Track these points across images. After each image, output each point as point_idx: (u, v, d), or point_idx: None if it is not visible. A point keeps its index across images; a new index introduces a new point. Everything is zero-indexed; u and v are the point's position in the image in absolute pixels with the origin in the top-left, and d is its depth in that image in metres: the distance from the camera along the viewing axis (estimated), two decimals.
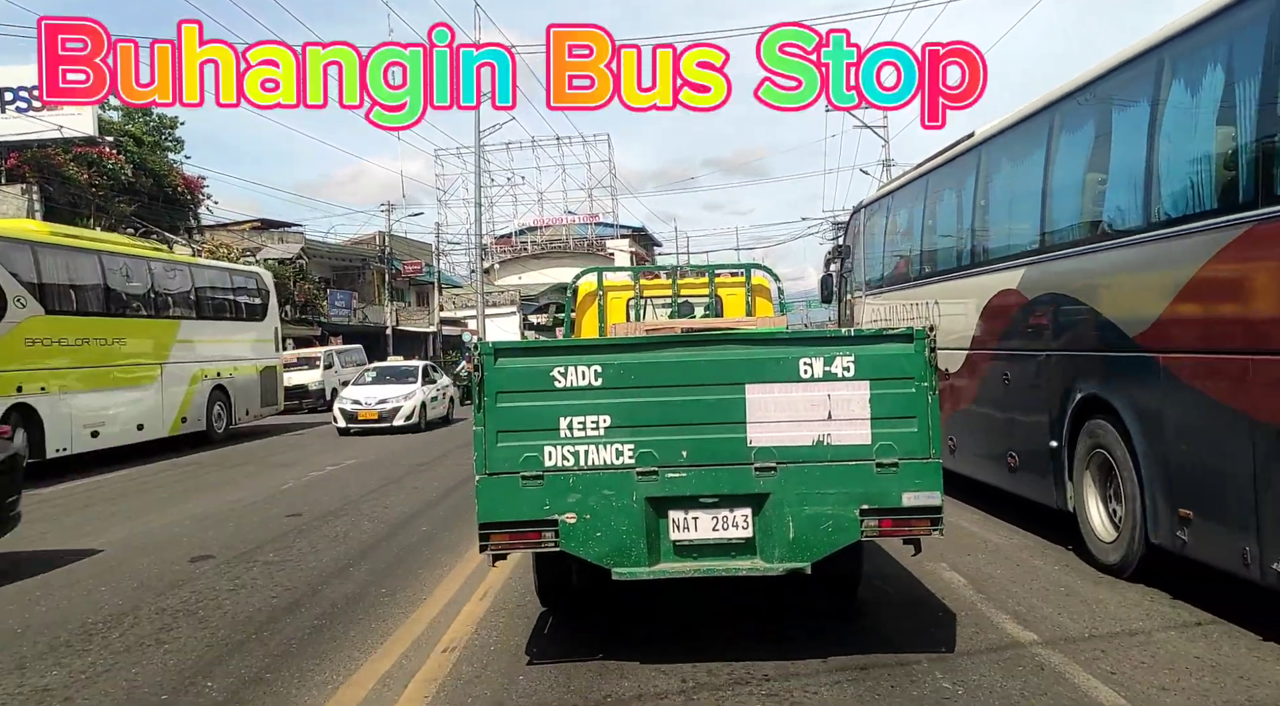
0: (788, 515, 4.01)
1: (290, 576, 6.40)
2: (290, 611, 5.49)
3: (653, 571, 4.08)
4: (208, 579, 6.41)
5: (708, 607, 5.17)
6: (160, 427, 15.44)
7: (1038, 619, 4.88)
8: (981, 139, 7.95)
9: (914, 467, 3.98)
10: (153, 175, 27.57)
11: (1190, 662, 4.20)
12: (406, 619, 5.27)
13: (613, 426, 4.04)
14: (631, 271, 8.26)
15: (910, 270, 9.83)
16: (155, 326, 15.53)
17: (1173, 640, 4.52)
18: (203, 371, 16.57)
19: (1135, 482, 5.36)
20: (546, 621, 5.06)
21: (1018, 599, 5.29)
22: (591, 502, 4.02)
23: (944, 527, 4.03)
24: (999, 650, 4.42)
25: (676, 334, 4.74)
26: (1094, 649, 4.41)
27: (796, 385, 4.02)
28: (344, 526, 8.31)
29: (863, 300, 11.24)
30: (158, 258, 16.24)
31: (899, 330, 4.11)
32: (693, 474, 4.04)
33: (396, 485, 10.99)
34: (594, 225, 59.79)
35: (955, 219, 8.62)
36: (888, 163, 35.17)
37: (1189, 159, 5.05)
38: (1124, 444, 5.48)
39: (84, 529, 8.61)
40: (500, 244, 61.73)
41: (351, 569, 6.61)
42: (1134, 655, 4.31)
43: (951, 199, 8.71)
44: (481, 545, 4.08)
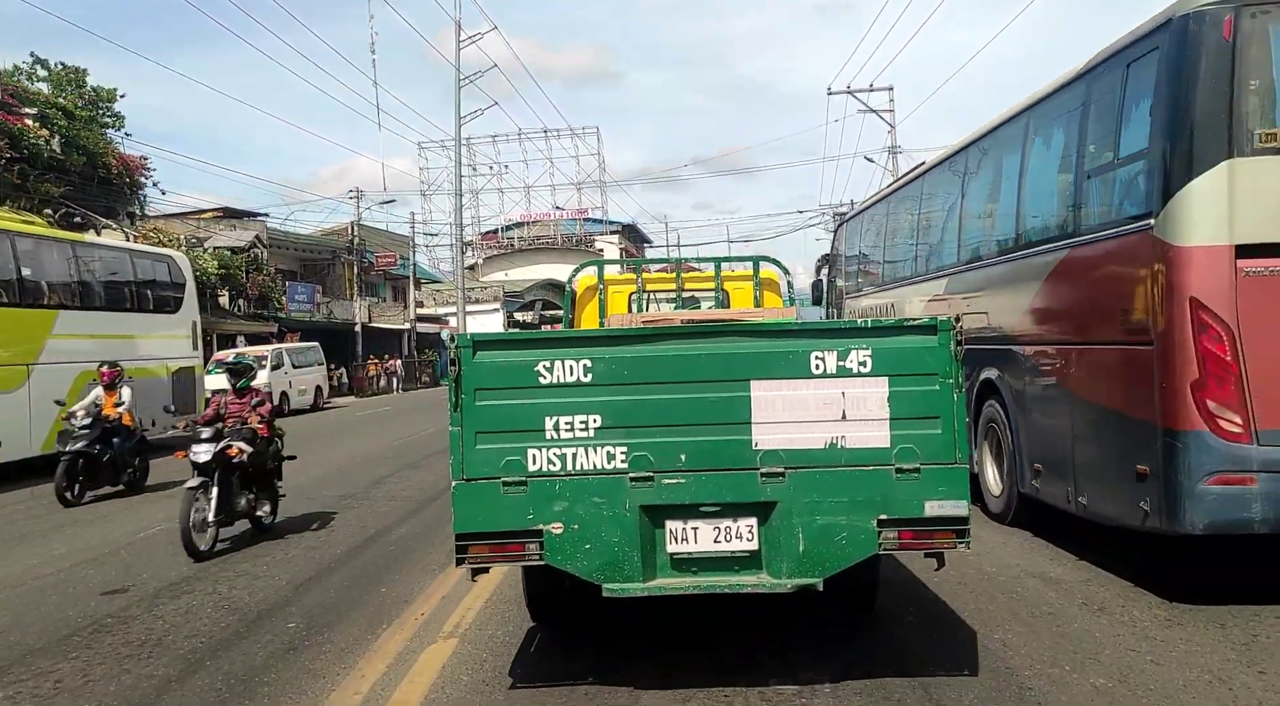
0: (797, 526, 3.85)
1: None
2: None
3: (647, 588, 3.92)
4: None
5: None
6: (25, 445, 12.83)
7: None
8: (925, 170, 10.30)
9: (937, 474, 3.81)
10: (86, 153, 25.73)
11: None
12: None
13: (604, 427, 3.89)
14: (634, 264, 8.40)
15: (879, 277, 12.05)
16: (19, 318, 13.12)
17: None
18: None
19: (1011, 446, 7.28)
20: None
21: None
22: (580, 511, 3.87)
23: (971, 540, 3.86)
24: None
25: (674, 325, 4.58)
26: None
27: (807, 381, 3.85)
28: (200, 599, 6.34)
29: (843, 302, 13.60)
30: (24, 231, 13.63)
31: (921, 321, 3.89)
32: (692, 480, 3.89)
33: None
34: (583, 221, 59.94)
35: (908, 235, 10.78)
36: (894, 150, 33.55)
37: (1038, 199, 7.09)
38: (1004, 416, 7.42)
39: None
40: (486, 239, 61.89)
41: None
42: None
43: (905, 218, 10.94)
44: (458, 558, 3.92)
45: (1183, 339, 5.01)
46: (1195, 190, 5.01)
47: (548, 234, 60.14)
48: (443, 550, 6.74)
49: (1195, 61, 5.08)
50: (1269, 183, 4.96)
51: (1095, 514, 6.04)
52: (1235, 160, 4.96)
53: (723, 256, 8.18)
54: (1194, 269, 5.01)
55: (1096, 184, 6.11)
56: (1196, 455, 4.96)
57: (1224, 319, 4.92)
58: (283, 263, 38.05)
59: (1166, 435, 5.11)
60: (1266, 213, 4.95)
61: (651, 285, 7.47)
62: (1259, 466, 4.90)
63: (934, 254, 9.66)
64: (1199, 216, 5.02)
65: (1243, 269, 4.94)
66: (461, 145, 34.53)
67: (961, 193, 8.80)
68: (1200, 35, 5.07)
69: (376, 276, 44.62)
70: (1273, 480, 4.90)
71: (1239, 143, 4.97)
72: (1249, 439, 4.91)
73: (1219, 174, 4.97)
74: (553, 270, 55.62)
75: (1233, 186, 4.95)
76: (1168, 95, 5.24)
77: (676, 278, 7.31)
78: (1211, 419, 4.94)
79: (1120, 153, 5.82)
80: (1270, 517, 4.91)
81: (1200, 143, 5.03)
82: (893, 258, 11.60)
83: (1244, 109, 4.99)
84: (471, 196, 56.56)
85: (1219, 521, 4.97)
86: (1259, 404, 4.90)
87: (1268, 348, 4.91)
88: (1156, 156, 5.30)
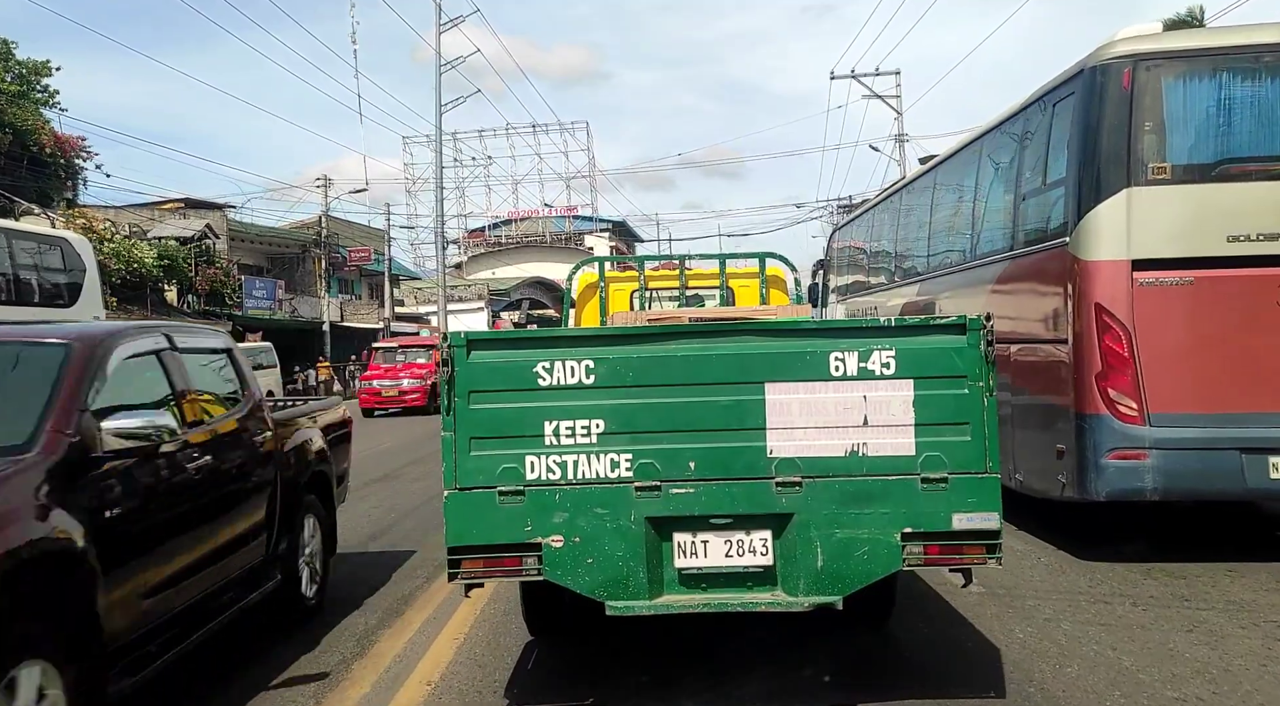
0: (815, 539, 3.76)
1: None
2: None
3: (654, 605, 3.83)
4: None
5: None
6: None
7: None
8: (901, 186, 12.31)
9: (967, 484, 3.72)
10: (13, 131, 24.94)
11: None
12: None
13: (607, 432, 3.81)
14: (637, 260, 8.36)
15: (863, 283, 14.13)
16: None
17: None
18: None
19: None
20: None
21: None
22: (581, 523, 3.79)
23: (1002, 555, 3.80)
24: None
25: (683, 324, 4.51)
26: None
27: (826, 384, 3.76)
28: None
29: (834, 306, 15.97)
30: None
31: (949, 319, 3.80)
32: (702, 489, 3.81)
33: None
34: (572, 218, 60.85)
35: (887, 244, 12.71)
36: (901, 138, 33.90)
37: (988, 216, 8.65)
38: None
39: None
40: (472, 237, 62.25)
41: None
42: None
43: (885, 228, 12.79)
44: (451, 573, 3.85)
45: (1089, 338, 6.31)
46: (1101, 213, 6.30)
47: (536, 231, 60.90)
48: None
49: (1101, 105, 6.38)
50: (1160, 208, 6.27)
51: (1029, 489, 7.31)
52: (1133, 189, 6.26)
53: (727, 253, 8.20)
54: (1099, 279, 6.30)
55: (1030, 205, 7.44)
56: (1100, 435, 6.26)
57: (1123, 321, 6.21)
58: (248, 257, 38.19)
59: (1078, 418, 6.41)
60: (1158, 233, 6.25)
61: (654, 283, 7.47)
62: (1150, 444, 6.19)
63: (908, 262, 11.38)
64: (1104, 235, 6.31)
65: (1138, 280, 6.23)
66: (448, 140, 35.11)
67: (930, 208, 10.46)
68: (1105, 84, 6.36)
69: (351, 272, 45.00)
70: (1162, 456, 6.19)
71: (1136, 174, 6.28)
72: (1142, 421, 6.20)
73: (1120, 200, 6.26)
74: (541, 269, 56.25)
75: (1131, 211, 6.24)
76: (1080, 132, 6.54)
77: (680, 274, 7.37)
78: (1112, 405, 6.23)
79: (1046, 179, 7.15)
80: (1159, 487, 6.21)
81: (1105, 173, 6.33)
82: (875, 265, 13.49)
83: (1140, 146, 6.30)
84: (458, 193, 56.87)
85: (1118, 490, 6.27)
86: (1150, 392, 6.19)
87: (1158, 345, 6.20)
88: (1071, 183, 6.61)
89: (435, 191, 36.04)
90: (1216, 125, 6.31)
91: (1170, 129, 6.33)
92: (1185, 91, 6.35)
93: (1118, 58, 6.36)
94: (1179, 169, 6.31)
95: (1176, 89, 6.35)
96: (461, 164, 57.16)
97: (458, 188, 57.38)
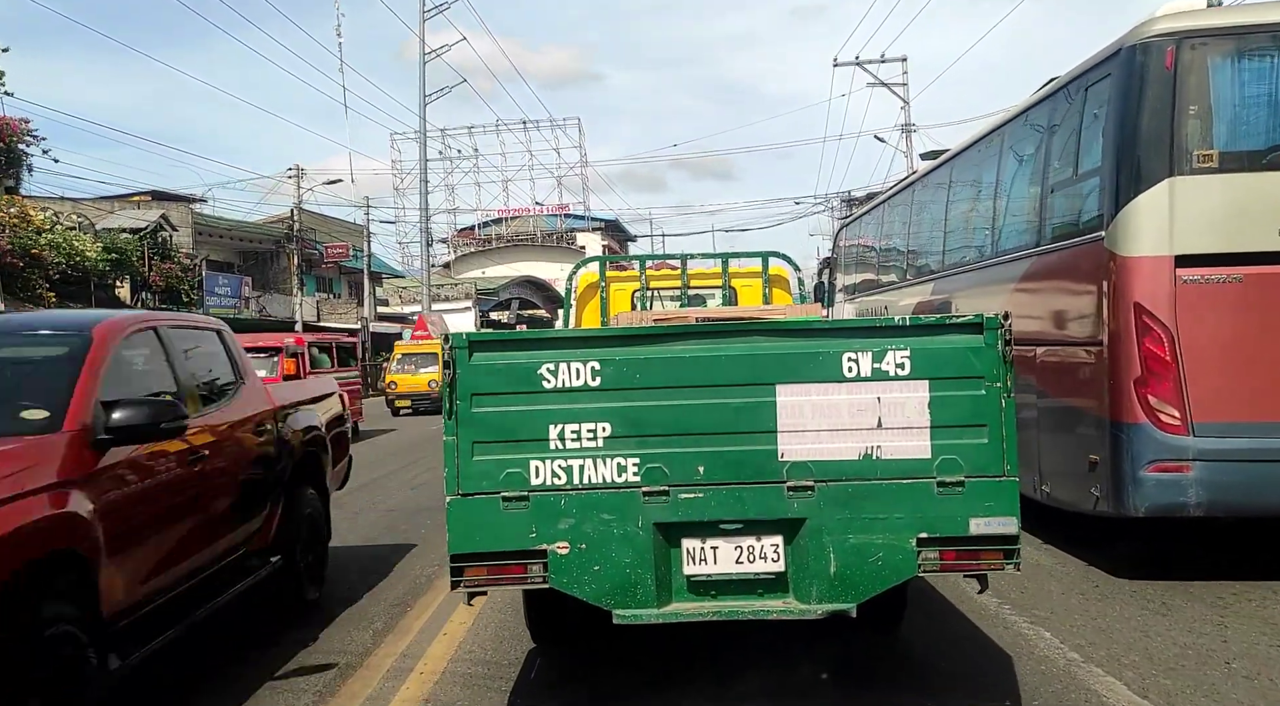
0: (828, 545, 3.81)
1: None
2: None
3: (662, 613, 3.89)
4: None
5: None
6: None
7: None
8: (913, 180, 11.88)
9: (984, 487, 3.76)
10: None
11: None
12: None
13: (614, 436, 3.85)
14: (638, 260, 8.40)
15: (872, 281, 13.79)
16: None
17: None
18: None
19: None
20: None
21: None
22: (588, 529, 3.83)
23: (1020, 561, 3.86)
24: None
25: (691, 324, 4.60)
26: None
27: (839, 385, 3.80)
28: None
29: (841, 306, 15.54)
30: None
31: (965, 318, 3.84)
32: (711, 494, 3.84)
33: None
34: (564, 217, 61.42)
35: (898, 241, 12.59)
36: (908, 128, 33.70)
37: (1010, 211, 8.38)
38: None
39: None
40: (462, 236, 62.77)
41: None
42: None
43: (896, 225, 12.66)
44: (454, 581, 3.88)
45: (1128, 340, 6.05)
46: (1140, 205, 6.04)
47: (527, 230, 61.45)
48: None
49: (1141, 88, 6.13)
50: (1205, 199, 6.00)
51: (1056, 500, 7.08)
52: (1176, 178, 6.00)
53: (730, 252, 8.28)
54: (1138, 277, 6.04)
55: (1059, 197, 7.17)
56: (1139, 445, 6.00)
57: (1164, 322, 5.95)
58: (217, 253, 37.61)
59: (1113, 427, 6.14)
60: (1203, 226, 5.99)
61: (655, 283, 7.61)
62: (1194, 455, 5.94)
63: (921, 259, 11.19)
64: (1143, 229, 6.05)
65: (1181, 277, 5.97)
66: (437, 136, 34.91)
67: (946, 202, 10.26)
68: (1145, 64, 6.10)
69: (328, 269, 44.60)
70: (1206, 468, 5.94)
71: (1179, 162, 6.02)
72: (1185, 430, 5.94)
73: (1161, 191, 6.00)
74: (532, 268, 56.61)
75: (1173, 202, 5.98)
76: (1117, 117, 6.28)
77: (682, 274, 7.51)
78: (1152, 412, 5.97)
79: (1078, 169, 6.90)
80: (1204, 501, 5.95)
81: (1145, 161, 6.07)
82: (886, 262, 13.30)
83: (1184, 132, 6.04)
84: (447, 190, 57.88)
85: (1158, 505, 6.01)
86: (1194, 399, 5.93)
87: (1202, 348, 5.95)
88: (1107, 173, 6.35)
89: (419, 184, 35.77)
90: (1268, 108, 6.07)
91: (1217, 112, 6.09)
92: (1233, 71, 6.12)
93: (1159, 35, 6.11)
94: (1226, 156, 6.07)
95: (1224, 69, 6.10)
96: (451, 161, 57.37)
97: (446, 185, 57.55)
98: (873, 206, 14.81)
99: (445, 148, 57.55)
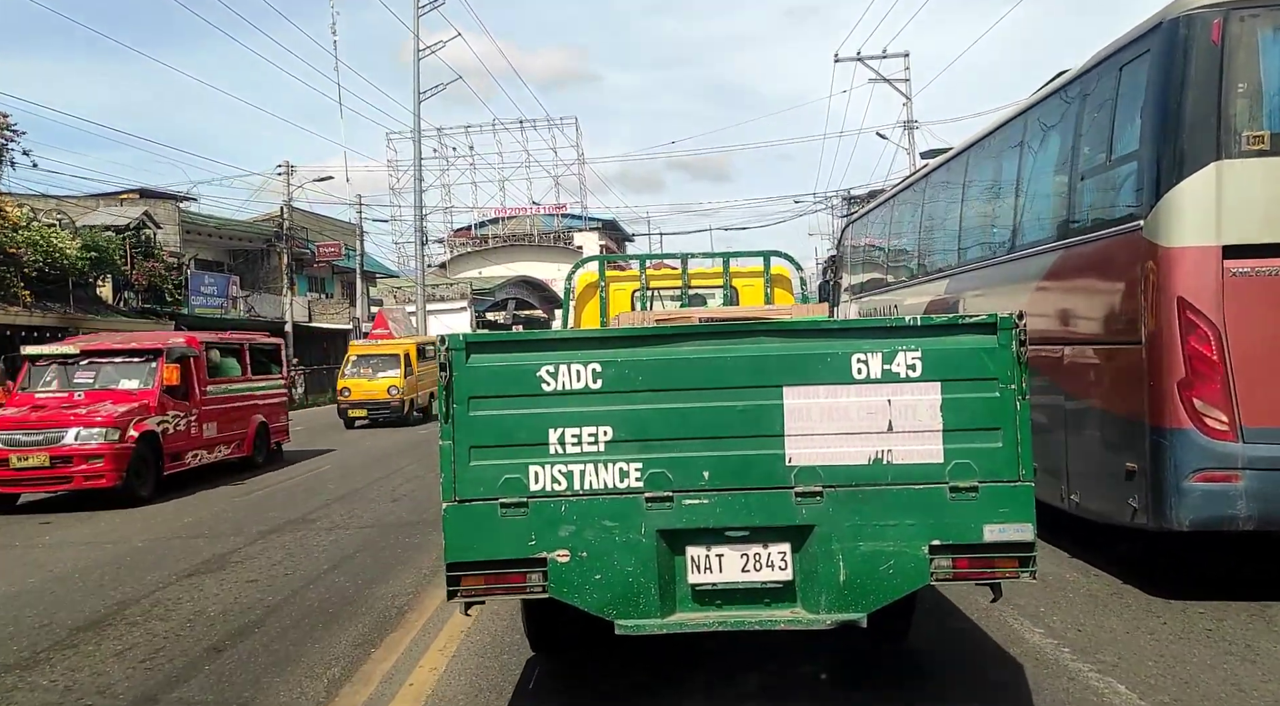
0: (837, 553, 3.76)
1: None
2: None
3: (665, 624, 3.84)
4: None
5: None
6: None
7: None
8: (925, 172, 11.31)
9: (998, 493, 3.72)
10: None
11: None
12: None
13: (616, 440, 3.81)
14: (638, 259, 8.46)
15: (881, 279, 13.36)
16: None
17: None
18: None
19: None
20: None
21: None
22: (589, 537, 3.80)
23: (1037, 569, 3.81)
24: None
25: (695, 324, 4.57)
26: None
27: (847, 387, 3.76)
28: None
29: (847, 304, 15.15)
30: None
31: (978, 318, 3.81)
32: (716, 500, 3.80)
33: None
34: (560, 216, 61.73)
35: (910, 237, 11.97)
36: (910, 124, 33.39)
37: (1034, 201, 7.88)
38: None
39: None
40: (458, 236, 63.13)
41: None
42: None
43: (907, 220, 12.08)
44: (450, 590, 3.85)
45: (1170, 338, 5.63)
46: (1184, 191, 5.62)
47: (524, 230, 61.77)
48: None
49: (1185, 64, 5.71)
50: (1256, 184, 5.59)
51: (1086, 511, 6.65)
52: (1223, 162, 5.59)
53: (731, 252, 8.23)
54: (1182, 269, 5.62)
55: (1090, 186, 6.75)
56: (1183, 452, 5.58)
57: (1211, 318, 5.53)
58: (206, 252, 37.33)
59: (1154, 433, 5.72)
60: (1253, 214, 5.57)
61: (655, 282, 7.61)
62: (1244, 464, 5.51)
63: (934, 256, 10.75)
64: (1188, 217, 5.63)
65: (1230, 269, 5.55)
66: (434, 135, 34.65)
67: (961, 196, 9.79)
68: (1190, 38, 5.68)
69: (321, 269, 44.27)
70: (1257, 477, 5.51)
71: (1227, 144, 5.60)
72: (1234, 436, 5.52)
73: (1207, 175, 5.58)
74: (529, 268, 56.91)
75: (1221, 188, 5.56)
76: (1158, 97, 5.85)
77: (683, 273, 7.48)
78: (1198, 417, 5.54)
79: (1112, 154, 6.47)
80: (1254, 514, 5.53)
81: (1189, 144, 5.65)
82: (895, 260, 12.79)
83: (1232, 111, 5.62)
84: (443, 190, 58.28)
85: (1204, 518, 5.58)
86: (1244, 402, 5.51)
87: (1253, 347, 5.52)
88: (1147, 158, 5.93)
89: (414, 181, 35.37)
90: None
91: (1268, 90, 5.69)
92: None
93: (1205, 6, 5.71)
94: (1279, 138, 5.62)
95: (1276, 42, 5.67)
96: (447, 160, 57.62)
97: (442, 185, 57.66)
98: (882, 201, 14.42)
99: (441, 146, 57.91)
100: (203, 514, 10.91)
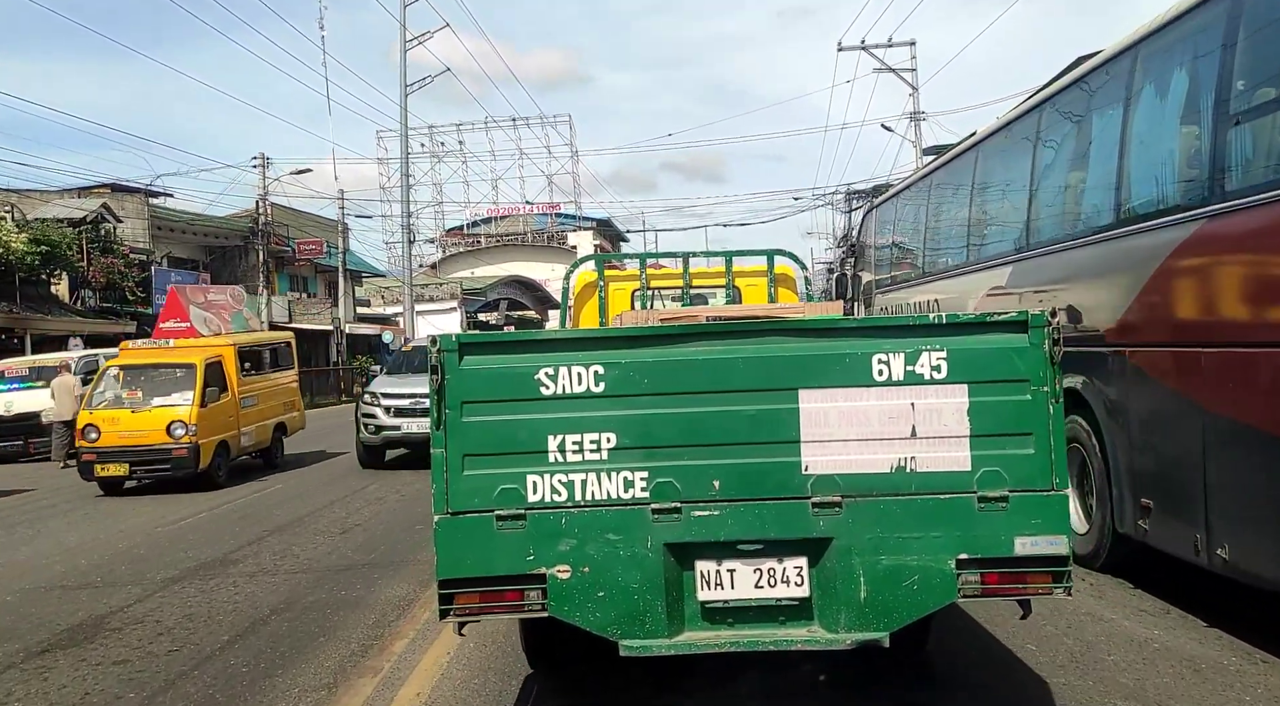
0: (857, 568, 3.66)
1: None
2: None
3: (673, 644, 3.75)
4: None
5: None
6: None
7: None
8: (980, 138, 9.64)
9: (1030, 502, 3.60)
10: None
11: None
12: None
13: (620, 447, 3.72)
14: (638, 258, 8.52)
15: (919, 268, 11.57)
16: None
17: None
18: None
19: (1105, 475, 6.64)
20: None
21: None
22: (591, 551, 3.71)
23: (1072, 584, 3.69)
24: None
25: (703, 323, 4.42)
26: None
27: (868, 390, 3.65)
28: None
29: (873, 298, 13.50)
30: None
31: (1008, 316, 3.71)
32: (728, 512, 3.71)
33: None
34: (554, 215, 61.92)
35: (959, 217, 10.14)
36: (916, 116, 32.19)
37: (1152, 159, 6.23)
38: (1095, 438, 6.78)
39: None
40: (451, 236, 62.99)
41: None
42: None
43: (954, 198, 10.31)
44: (443, 609, 3.74)
45: None
46: None
47: (517, 230, 61.94)
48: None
49: None
50: None
51: (1241, 571, 5.18)
52: None
53: (734, 250, 8.05)
54: None
55: (1246, 133, 5.18)
56: None
57: None
58: (180, 249, 36.70)
59: None
60: None
61: (656, 281, 7.60)
62: None
63: (994, 237, 9.10)
64: None
65: None
66: (425, 134, 33.73)
67: (1032, 162, 8.16)
68: None
69: (302, 267, 43.56)
70: None
71: None
72: None
73: None
74: (521, 268, 57.31)
75: None
76: None
77: (684, 272, 7.48)
78: None
79: None
80: None
81: None
82: (937, 244, 11.19)
83: None
84: (435, 189, 58.98)
85: None
86: None
87: None
88: None
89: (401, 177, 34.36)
90: None
91: None
92: None
93: None
94: None
95: None
96: (438, 157, 57.57)
97: (433, 183, 57.63)
98: (917, 179, 12.56)
99: (432, 143, 57.71)
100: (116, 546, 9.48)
